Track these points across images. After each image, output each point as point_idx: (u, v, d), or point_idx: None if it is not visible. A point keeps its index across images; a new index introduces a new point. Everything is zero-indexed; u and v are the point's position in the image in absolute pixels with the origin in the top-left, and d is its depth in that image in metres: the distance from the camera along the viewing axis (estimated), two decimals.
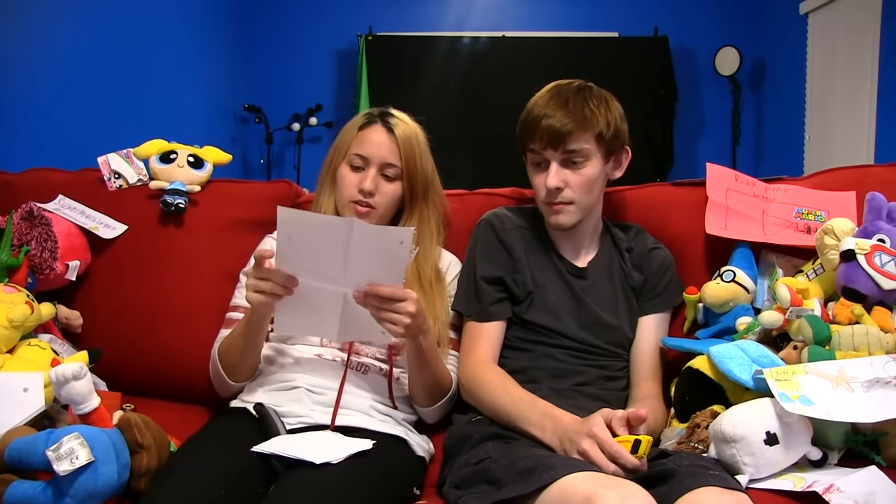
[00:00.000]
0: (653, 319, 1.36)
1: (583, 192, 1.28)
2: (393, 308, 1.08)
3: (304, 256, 1.06)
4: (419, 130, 1.40)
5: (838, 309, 1.19)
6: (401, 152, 1.34)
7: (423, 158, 1.37)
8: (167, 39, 3.31)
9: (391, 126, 1.35)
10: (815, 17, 4.03)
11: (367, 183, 1.32)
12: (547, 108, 1.25)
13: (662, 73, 4.43)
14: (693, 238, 1.44)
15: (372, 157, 1.34)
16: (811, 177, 1.54)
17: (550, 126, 1.23)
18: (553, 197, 1.27)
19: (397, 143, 1.34)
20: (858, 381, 1.03)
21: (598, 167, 1.28)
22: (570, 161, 1.26)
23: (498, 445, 1.11)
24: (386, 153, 1.34)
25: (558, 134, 1.23)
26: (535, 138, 1.26)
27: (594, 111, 1.25)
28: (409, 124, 1.38)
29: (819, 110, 4.00)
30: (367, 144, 1.34)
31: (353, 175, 1.34)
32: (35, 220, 1.40)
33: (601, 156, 1.28)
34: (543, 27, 4.70)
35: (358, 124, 1.38)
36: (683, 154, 4.57)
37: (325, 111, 4.62)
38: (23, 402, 1.08)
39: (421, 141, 1.38)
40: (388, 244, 1.04)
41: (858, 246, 1.21)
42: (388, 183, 1.35)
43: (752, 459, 0.99)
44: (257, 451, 1.06)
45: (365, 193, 1.33)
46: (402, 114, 1.40)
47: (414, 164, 1.35)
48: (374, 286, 1.06)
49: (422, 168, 1.37)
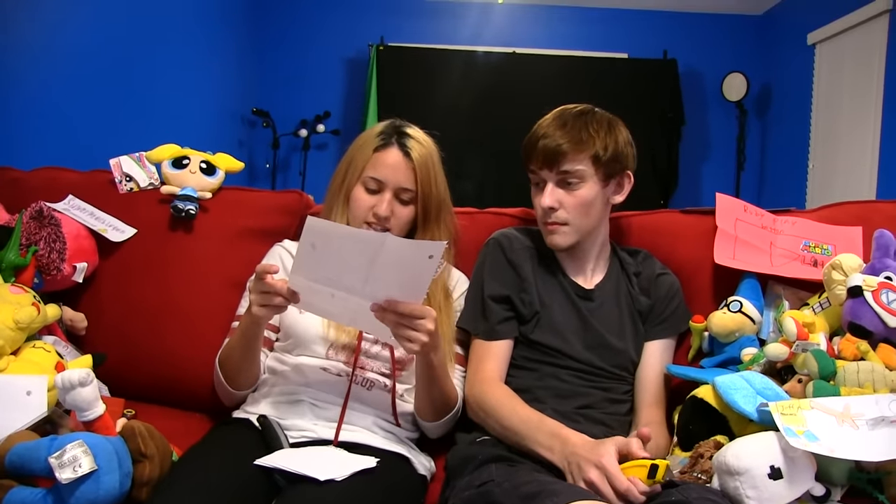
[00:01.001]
0: (658, 345, 1.36)
1: (577, 213, 1.29)
2: (412, 325, 1.06)
3: (325, 266, 1.04)
4: (434, 149, 1.38)
5: (844, 344, 1.19)
6: (416, 177, 1.33)
7: (437, 180, 1.36)
8: (179, 39, 3.32)
9: (408, 149, 1.33)
10: (822, 49, 4.06)
11: (383, 208, 1.31)
12: (547, 129, 1.29)
13: (670, 96, 4.45)
14: (700, 266, 1.44)
15: (388, 181, 1.32)
16: (819, 210, 1.55)
17: (546, 146, 1.27)
18: (548, 217, 1.30)
19: (413, 167, 1.32)
20: (864, 419, 1.03)
21: (595, 190, 1.29)
22: (565, 182, 1.28)
23: (501, 468, 1.10)
24: (402, 178, 1.32)
25: (553, 154, 1.26)
26: (533, 158, 1.30)
27: (592, 134, 1.27)
28: (424, 145, 1.36)
29: (823, 140, 4.03)
30: (382, 168, 1.32)
31: (368, 197, 1.33)
32: (44, 220, 1.40)
33: (598, 178, 1.29)
34: (554, 45, 4.73)
35: (373, 145, 1.34)
36: (688, 177, 4.59)
37: (333, 118, 4.63)
38: (25, 406, 1.07)
39: (436, 161, 1.37)
40: (418, 258, 1.01)
41: (866, 283, 1.22)
42: (403, 207, 1.34)
43: (755, 493, 0.99)
44: (260, 465, 1.05)
45: (380, 219, 1.32)
46: (417, 131, 1.38)
47: (429, 187, 1.34)
48: (392, 302, 1.04)
49: (436, 190, 1.36)
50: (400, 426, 1.27)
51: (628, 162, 1.33)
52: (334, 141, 4.71)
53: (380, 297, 1.05)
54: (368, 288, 1.04)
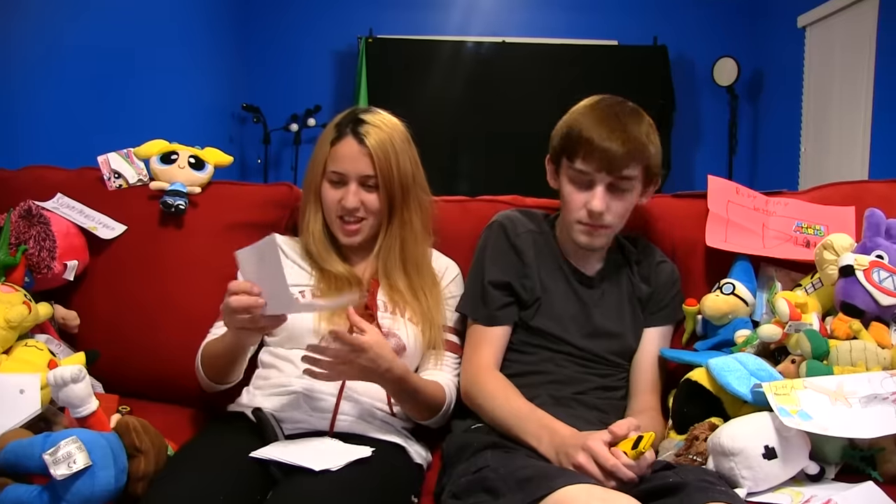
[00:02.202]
0: (656, 332, 1.36)
1: (620, 218, 1.27)
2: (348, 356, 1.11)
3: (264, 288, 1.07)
4: (397, 131, 1.32)
5: (836, 324, 1.19)
6: (374, 162, 1.28)
7: (399, 162, 1.30)
8: (167, 36, 3.30)
9: (362, 136, 1.28)
10: (812, 31, 4.06)
11: (350, 200, 1.29)
12: (602, 129, 1.20)
13: (661, 83, 4.44)
14: (693, 250, 1.44)
15: (348, 173, 1.29)
16: (811, 191, 1.55)
17: (608, 149, 1.19)
18: (593, 219, 1.24)
19: (370, 153, 1.27)
20: (856, 397, 1.04)
21: (637, 194, 1.27)
22: (618, 187, 1.23)
23: (497, 454, 1.10)
24: (361, 166, 1.28)
25: (617, 159, 1.19)
26: (589, 158, 1.21)
27: (646, 141, 1.22)
28: (383, 129, 1.30)
29: (815, 122, 4.03)
30: (340, 160, 1.29)
31: (335, 192, 1.31)
32: (33, 218, 1.39)
33: (641, 184, 1.27)
34: (544, 34, 4.71)
35: (330, 138, 1.31)
36: (680, 163, 4.58)
37: (324, 112, 4.61)
38: (19, 404, 1.07)
39: (397, 143, 1.30)
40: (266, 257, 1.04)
41: (857, 262, 1.22)
42: (371, 193, 1.31)
43: (750, 473, 0.99)
44: (256, 458, 1.05)
45: (348, 211, 1.30)
46: (376, 116, 1.32)
47: (390, 171, 1.28)
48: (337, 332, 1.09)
49: (398, 173, 1.30)
50: (395, 415, 1.27)
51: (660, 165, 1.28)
52: None
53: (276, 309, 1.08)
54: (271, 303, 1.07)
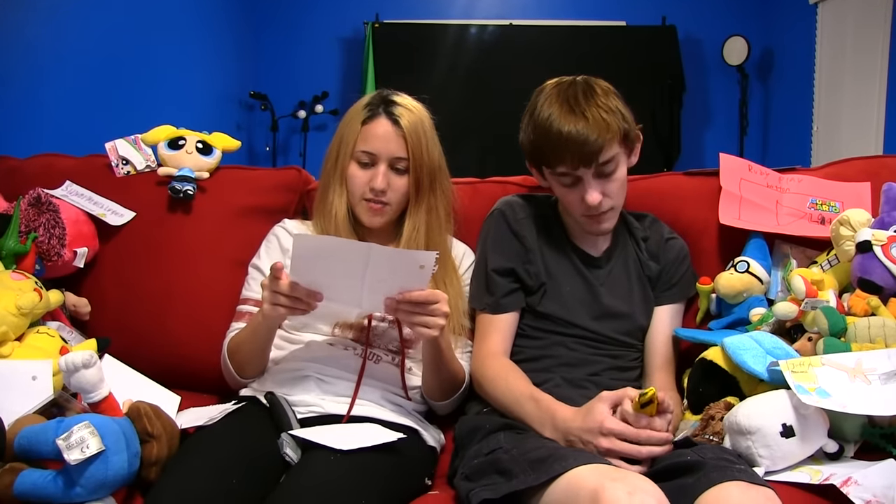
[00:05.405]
0: (667, 310, 1.35)
1: (619, 195, 1.26)
2: (427, 311, 1.08)
3: (320, 281, 1.06)
4: (425, 115, 1.32)
5: (854, 300, 1.17)
6: (408, 144, 1.28)
7: (429, 146, 1.30)
8: (173, 24, 3.28)
9: (396, 117, 1.28)
10: (824, 7, 3.98)
11: (379, 181, 1.27)
12: (565, 124, 1.17)
13: (670, 63, 4.39)
14: (706, 228, 1.42)
15: (380, 153, 1.28)
16: (825, 167, 1.52)
17: (580, 147, 1.17)
18: (595, 210, 1.23)
19: (404, 135, 1.27)
20: (876, 374, 1.02)
21: (625, 165, 1.26)
22: (604, 172, 1.22)
23: (509, 436, 1.10)
24: (394, 148, 1.28)
25: (590, 153, 1.18)
26: (562, 160, 1.20)
27: (609, 114, 1.19)
28: (414, 112, 1.30)
29: (827, 101, 3.97)
30: (373, 140, 1.28)
31: (363, 173, 1.29)
32: (43, 206, 1.39)
33: (625, 153, 1.26)
34: (551, 16, 4.66)
35: (361, 118, 1.30)
36: (691, 144, 4.54)
37: (331, 98, 4.60)
38: (31, 391, 1.07)
39: (427, 127, 1.31)
40: (408, 267, 1.04)
41: (875, 237, 1.20)
42: (400, 177, 1.30)
43: (767, 452, 0.98)
44: (289, 435, 1.08)
45: (377, 192, 1.29)
46: (405, 98, 1.33)
47: (421, 155, 1.29)
48: (406, 293, 1.06)
49: (429, 157, 1.30)
50: (409, 399, 1.27)
51: (633, 122, 1.26)
52: (333, 121, 4.67)
53: (378, 305, 1.08)
54: (366, 301, 1.08)
